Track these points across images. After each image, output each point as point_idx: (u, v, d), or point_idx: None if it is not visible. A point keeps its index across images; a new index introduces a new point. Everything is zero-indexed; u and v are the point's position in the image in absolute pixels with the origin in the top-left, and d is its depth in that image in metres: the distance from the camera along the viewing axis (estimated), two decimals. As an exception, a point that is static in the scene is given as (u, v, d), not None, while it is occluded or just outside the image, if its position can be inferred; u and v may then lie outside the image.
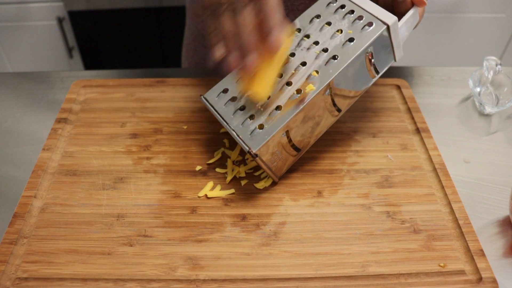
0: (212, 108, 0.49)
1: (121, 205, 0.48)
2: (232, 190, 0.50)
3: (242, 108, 0.47)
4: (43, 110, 0.62)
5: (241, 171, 0.51)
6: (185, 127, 0.58)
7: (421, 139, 0.56)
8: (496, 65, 0.63)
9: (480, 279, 0.42)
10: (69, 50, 1.43)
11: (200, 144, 0.55)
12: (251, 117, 0.46)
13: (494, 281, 0.42)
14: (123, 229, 0.46)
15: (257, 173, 0.52)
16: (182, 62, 0.86)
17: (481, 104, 0.63)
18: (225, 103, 0.49)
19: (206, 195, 0.49)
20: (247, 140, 0.45)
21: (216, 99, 0.49)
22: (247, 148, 0.44)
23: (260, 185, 0.50)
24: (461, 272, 0.43)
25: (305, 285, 0.42)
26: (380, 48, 0.48)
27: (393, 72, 0.69)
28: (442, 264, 0.43)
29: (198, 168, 0.52)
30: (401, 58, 0.51)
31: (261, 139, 0.45)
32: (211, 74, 0.69)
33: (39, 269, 0.42)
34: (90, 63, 1.48)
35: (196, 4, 0.56)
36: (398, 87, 0.64)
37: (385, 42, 0.48)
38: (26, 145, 0.57)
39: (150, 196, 0.49)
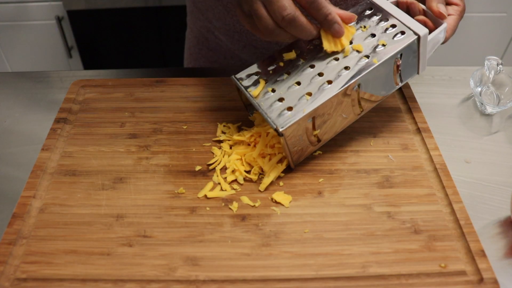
0: (243, 88, 0.50)
1: (120, 205, 0.48)
2: (232, 190, 0.50)
3: (273, 90, 0.49)
4: (42, 110, 0.62)
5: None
6: (185, 127, 0.57)
7: (422, 139, 0.56)
8: (498, 64, 0.62)
9: (481, 280, 0.42)
10: (68, 49, 1.43)
11: (200, 144, 0.55)
12: (281, 99, 0.48)
13: (495, 281, 0.42)
14: (123, 229, 0.46)
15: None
16: (184, 66, 0.86)
17: (482, 104, 0.62)
18: (256, 85, 0.50)
19: (205, 195, 0.49)
20: (275, 119, 0.47)
21: (247, 80, 0.51)
22: (275, 126, 0.46)
23: (261, 186, 0.50)
24: (462, 273, 0.43)
25: (305, 285, 0.42)
26: (407, 57, 0.50)
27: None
28: (443, 265, 0.43)
29: (198, 168, 0.52)
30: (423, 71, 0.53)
31: (288, 119, 0.46)
32: (211, 74, 0.69)
33: (38, 269, 0.42)
34: (89, 62, 1.48)
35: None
36: (399, 87, 0.64)
37: (413, 52, 0.50)
38: (25, 145, 0.57)
39: (150, 196, 0.49)
